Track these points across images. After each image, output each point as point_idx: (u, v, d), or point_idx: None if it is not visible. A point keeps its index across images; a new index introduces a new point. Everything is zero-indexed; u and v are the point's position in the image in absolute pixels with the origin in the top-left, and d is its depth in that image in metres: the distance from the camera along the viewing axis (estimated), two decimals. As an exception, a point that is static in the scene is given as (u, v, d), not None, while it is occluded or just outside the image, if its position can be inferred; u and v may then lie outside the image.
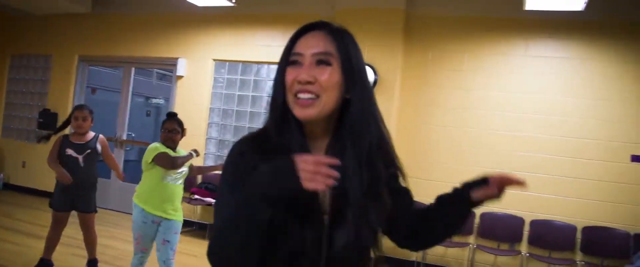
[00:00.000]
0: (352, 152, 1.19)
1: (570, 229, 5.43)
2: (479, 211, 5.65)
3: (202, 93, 7.15)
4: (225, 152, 7.37)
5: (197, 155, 3.94)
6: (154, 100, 13.48)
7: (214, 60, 7.16)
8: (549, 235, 5.46)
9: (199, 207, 6.82)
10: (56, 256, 4.50)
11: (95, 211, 4.50)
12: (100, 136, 4.55)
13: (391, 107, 5.88)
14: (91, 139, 4.42)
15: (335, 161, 1.03)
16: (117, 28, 7.70)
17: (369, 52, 5.75)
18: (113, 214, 7.18)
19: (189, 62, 7.26)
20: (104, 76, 10.82)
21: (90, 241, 4.52)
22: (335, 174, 1.02)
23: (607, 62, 5.46)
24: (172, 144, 3.83)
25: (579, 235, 5.41)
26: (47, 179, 5.03)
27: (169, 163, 3.66)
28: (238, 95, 7.06)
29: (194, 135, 6.49)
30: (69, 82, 8.03)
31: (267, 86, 7.00)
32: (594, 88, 5.48)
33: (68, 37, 8.02)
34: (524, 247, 5.55)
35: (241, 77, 7.06)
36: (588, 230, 5.38)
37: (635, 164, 5.31)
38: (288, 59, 1.20)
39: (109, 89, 11.03)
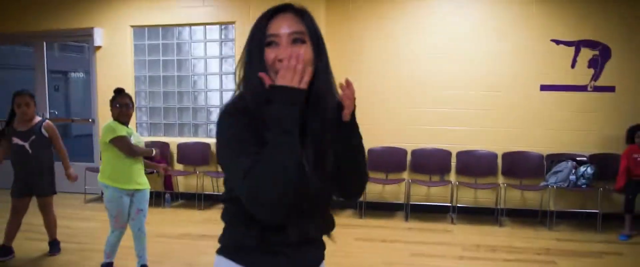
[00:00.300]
0: (319, 116, 1.34)
1: (492, 157, 5.95)
2: (410, 148, 6.04)
3: (124, 62, 6.97)
4: (157, 119, 7.23)
5: (154, 154, 3.96)
6: (73, 74, 12.80)
7: (132, 26, 6.98)
8: (473, 164, 5.96)
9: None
10: (10, 242, 4.45)
11: (54, 193, 4.49)
12: (46, 121, 4.41)
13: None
14: (36, 124, 4.30)
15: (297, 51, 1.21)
16: (24, 1, 7.28)
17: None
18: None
19: (106, 31, 7.02)
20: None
21: (49, 224, 4.54)
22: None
23: (517, 3, 5.87)
24: (126, 119, 3.76)
25: (499, 161, 5.95)
26: None
27: (127, 150, 3.67)
28: (163, 60, 6.97)
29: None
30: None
31: (192, 48, 6.94)
32: (506, 27, 5.90)
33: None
34: (452, 177, 6.05)
35: (163, 42, 6.95)
36: (507, 155, 5.93)
37: (544, 92, 5.86)
38: (264, 41, 1.31)
39: (6, 67, 10.27)
